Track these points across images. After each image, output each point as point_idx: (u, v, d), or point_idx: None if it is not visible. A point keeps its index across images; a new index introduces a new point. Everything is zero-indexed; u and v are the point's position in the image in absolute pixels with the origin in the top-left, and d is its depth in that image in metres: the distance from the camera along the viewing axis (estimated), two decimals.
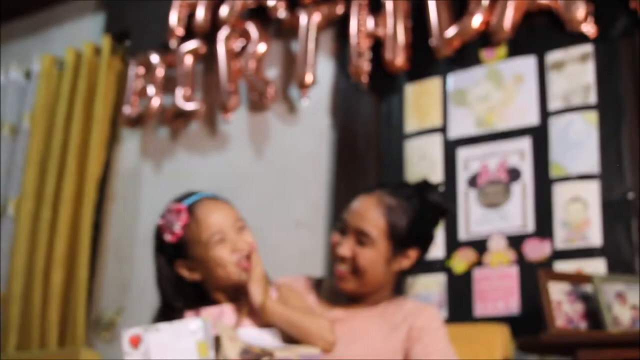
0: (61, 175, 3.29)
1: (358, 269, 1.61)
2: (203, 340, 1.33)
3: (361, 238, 1.61)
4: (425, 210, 1.66)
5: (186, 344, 1.33)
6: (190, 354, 1.32)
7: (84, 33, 3.59)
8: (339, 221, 1.69)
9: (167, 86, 3.24)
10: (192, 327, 1.33)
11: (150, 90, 3.24)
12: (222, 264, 1.46)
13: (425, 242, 1.70)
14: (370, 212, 1.62)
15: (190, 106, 3.13)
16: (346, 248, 1.62)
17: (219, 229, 1.46)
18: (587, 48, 2.39)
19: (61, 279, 3.15)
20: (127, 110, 3.27)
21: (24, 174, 3.36)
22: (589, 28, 2.39)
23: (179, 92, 3.15)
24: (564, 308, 2.08)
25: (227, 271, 1.46)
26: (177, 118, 3.18)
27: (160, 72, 3.25)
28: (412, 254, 1.67)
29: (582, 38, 2.40)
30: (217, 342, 1.38)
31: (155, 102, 3.22)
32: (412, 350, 1.58)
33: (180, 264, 1.49)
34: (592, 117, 2.33)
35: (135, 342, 1.33)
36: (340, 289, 1.66)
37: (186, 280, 1.49)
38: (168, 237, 1.47)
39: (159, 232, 1.49)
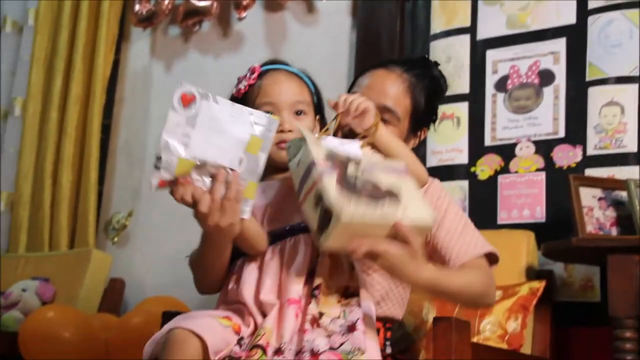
0: (68, 76, 3.17)
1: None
2: (259, 136, 1.26)
3: (384, 116, 1.50)
4: (435, 88, 1.60)
5: (240, 131, 1.25)
6: (237, 143, 1.25)
7: None
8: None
9: None
10: (254, 118, 1.26)
11: None
12: None
13: (433, 122, 1.64)
14: (394, 89, 1.54)
15: (202, 3, 2.99)
16: None
17: (272, 101, 1.41)
18: None
19: (71, 181, 3.08)
20: (137, 8, 3.12)
21: (30, 74, 3.24)
22: None
23: None
24: (595, 214, 2.01)
25: None
26: (189, 17, 3.03)
27: None
28: (422, 135, 1.62)
29: None
30: (292, 147, 1.31)
31: (167, 0, 3.07)
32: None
33: None
34: (635, 15, 2.20)
35: (187, 101, 1.25)
36: None
37: None
38: (234, 91, 1.46)
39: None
